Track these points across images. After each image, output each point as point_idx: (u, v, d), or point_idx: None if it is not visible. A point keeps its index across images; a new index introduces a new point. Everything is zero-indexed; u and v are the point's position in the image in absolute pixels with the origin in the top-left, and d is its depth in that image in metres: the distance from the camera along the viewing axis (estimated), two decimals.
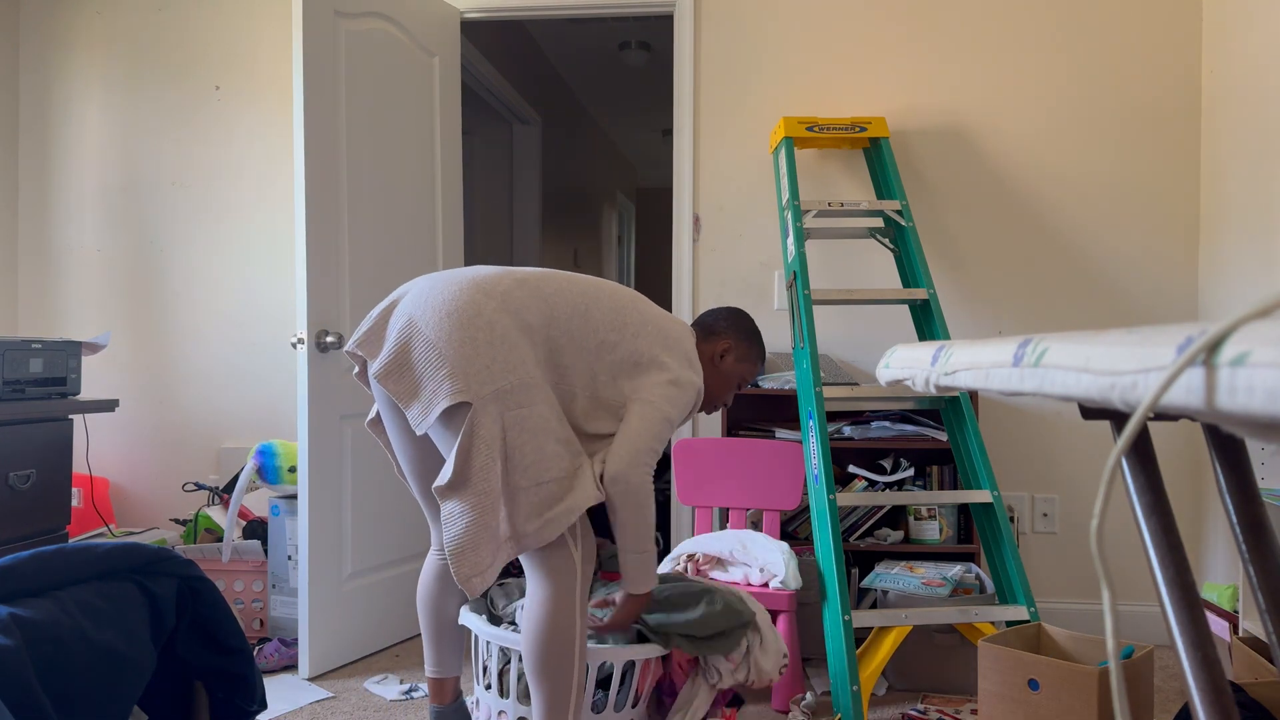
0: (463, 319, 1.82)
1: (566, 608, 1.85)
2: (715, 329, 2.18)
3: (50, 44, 3.55)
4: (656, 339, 1.98)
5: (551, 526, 1.81)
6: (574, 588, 1.85)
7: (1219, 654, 0.84)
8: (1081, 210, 3.20)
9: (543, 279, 1.97)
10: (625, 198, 8.76)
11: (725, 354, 2.17)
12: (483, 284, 1.89)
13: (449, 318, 1.82)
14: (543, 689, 1.86)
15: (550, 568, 1.85)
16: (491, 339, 1.82)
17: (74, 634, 1.27)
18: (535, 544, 1.81)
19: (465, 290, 1.87)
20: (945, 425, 2.80)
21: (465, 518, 1.76)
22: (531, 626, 1.86)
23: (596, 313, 1.95)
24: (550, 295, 1.93)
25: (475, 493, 1.76)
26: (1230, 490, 1.01)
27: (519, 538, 1.81)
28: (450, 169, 3.33)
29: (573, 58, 5.84)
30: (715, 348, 2.17)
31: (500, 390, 1.79)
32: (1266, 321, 0.59)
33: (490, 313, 1.84)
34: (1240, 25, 2.92)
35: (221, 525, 3.14)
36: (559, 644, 1.84)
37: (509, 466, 1.79)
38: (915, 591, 2.59)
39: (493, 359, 1.80)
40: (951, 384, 1.06)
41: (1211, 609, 2.67)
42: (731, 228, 3.32)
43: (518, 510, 1.80)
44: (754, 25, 3.32)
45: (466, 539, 1.75)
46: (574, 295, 1.95)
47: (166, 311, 3.51)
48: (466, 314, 1.83)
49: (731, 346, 2.17)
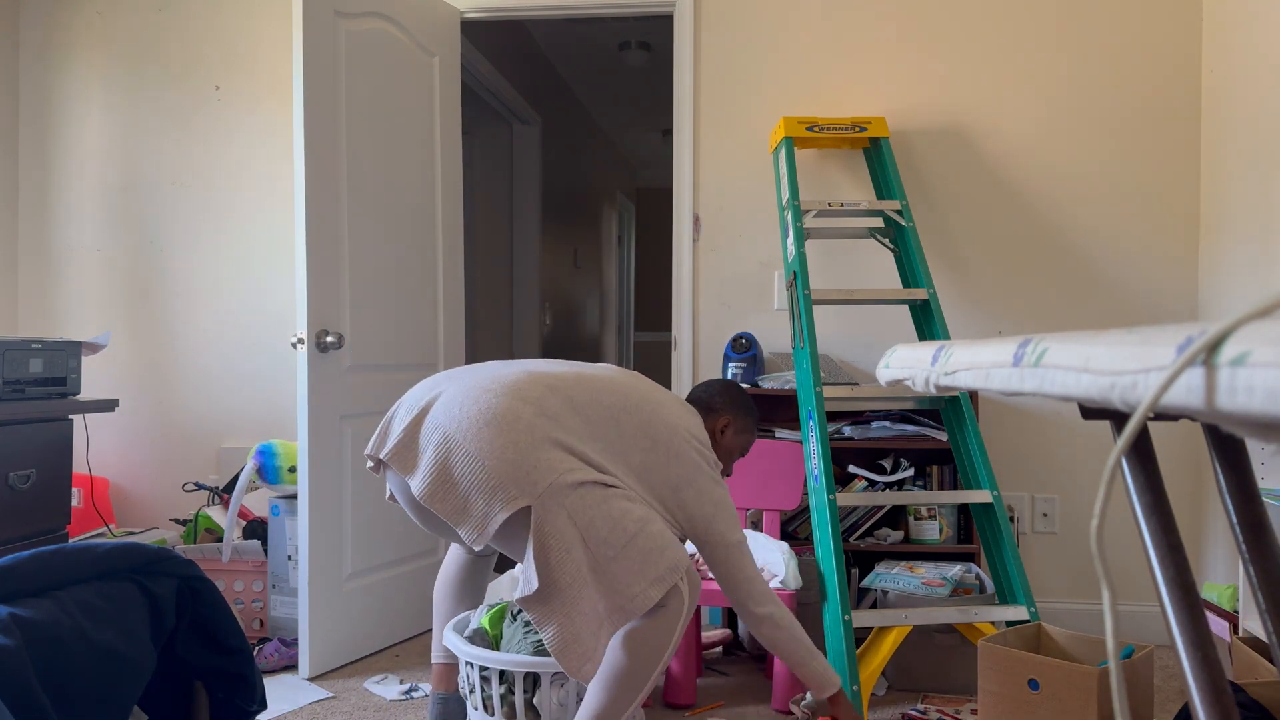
0: (503, 426, 1.79)
1: (666, 633, 1.81)
2: (713, 406, 2.23)
3: (50, 44, 3.55)
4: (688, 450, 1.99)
5: (658, 587, 1.79)
6: (680, 618, 1.83)
7: (1219, 654, 0.84)
8: (1081, 210, 3.20)
9: (572, 385, 1.94)
10: (625, 198, 8.76)
11: (725, 429, 2.22)
12: (517, 390, 1.87)
13: (488, 426, 1.79)
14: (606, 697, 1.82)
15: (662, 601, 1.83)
16: (533, 441, 1.79)
17: (74, 634, 1.27)
18: (643, 608, 1.78)
19: (500, 397, 1.84)
20: (945, 425, 2.80)
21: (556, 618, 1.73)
22: (628, 641, 1.82)
23: (628, 423, 1.95)
24: (583, 406, 1.91)
25: (563, 593, 1.73)
26: (1230, 490, 1.01)
27: (624, 607, 1.78)
28: (450, 169, 3.33)
29: (573, 58, 5.84)
30: (716, 424, 2.22)
31: (554, 485, 1.77)
32: (1266, 321, 0.59)
33: (529, 418, 1.82)
34: (1240, 25, 2.92)
35: (221, 525, 3.14)
36: (642, 663, 1.81)
37: (590, 549, 1.77)
38: (915, 591, 2.59)
39: (538, 460, 1.78)
40: (951, 384, 1.06)
41: (1211, 609, 2.67)
42: (731, 228, 3.32)
43: (616, 580, 1.77)
44: (754, 25, 3.32)
45: (567, 635, 1.72)
46: (605, 404, 1.94)
47: (166, 311, 3.51)
48: (506, 420, 1.80)
49: (730, 422, 2.22)
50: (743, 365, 3.09)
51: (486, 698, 2.08)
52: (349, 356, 2.87)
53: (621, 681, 1.82)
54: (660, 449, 1.96)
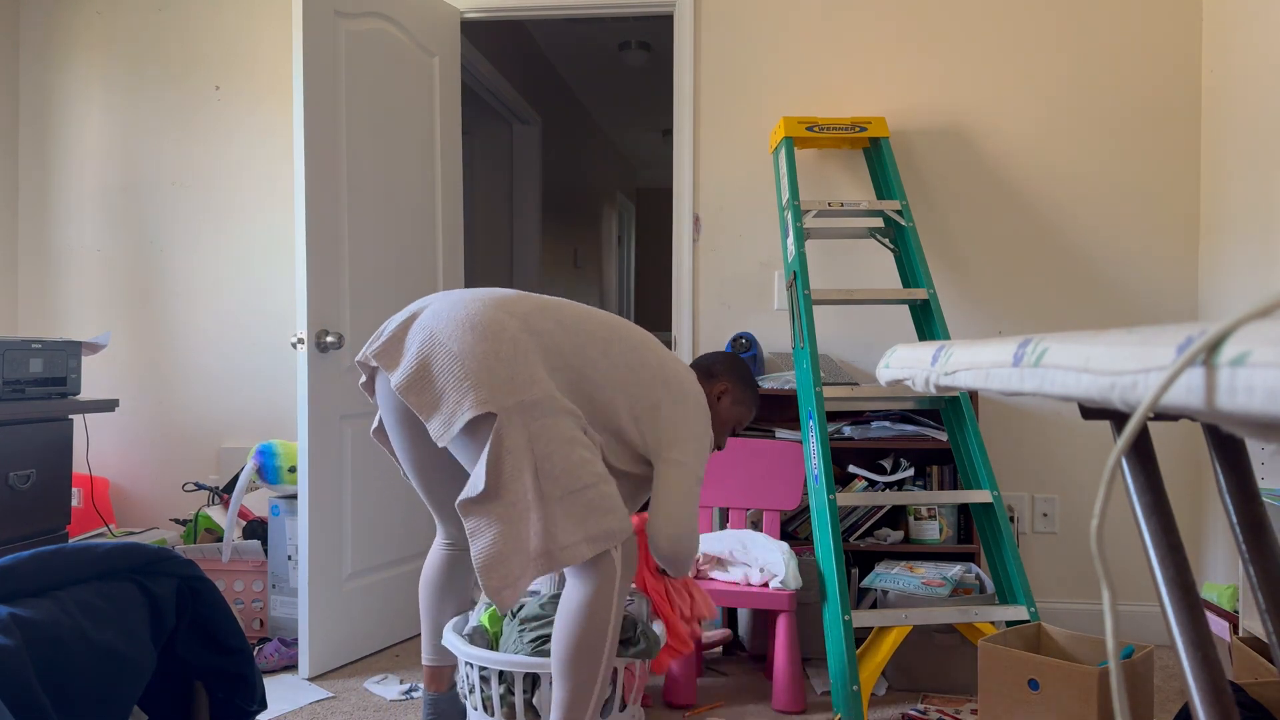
0: (487, 333, 1.82)
1: (603, 607, 1.82)
2: (714, 372, 2.21)
3: (50, 44, 3.55)
4: (675, 387, 1.98)
5: (591, 546, 1.79)
6: (613, 590, 1.83)
7: (1219, 654, 0.84)
8: (1081, 210, 3.20)
9: (561, 307, 1.96)
10: (625, 198, 8.76)
11: (723, 396, 2.20)
12: (505, 303, 1.89)
13: (472, 330, 1.82)
14: (566, 685, 1.84)
15: (592, 567, 1.83)
16: (515, 354, 1.81)
17: (74, 634, 1.27)
18: (570, 561, 1.78)
19: (488, 307, 1.87)
20: (945, 425, 2.80)
21: (494, 529, 1.74)
22: (564, 622, 1.84)
23: (617, 350, 1.94)
24: (570, 325, 1.92)
25: (505, 504, 1.74)
26: (1230, 490, 1.01)
27: (552, 553, 1.78)
28: (450, 169, 3.33)
29: (573, 58, 5.84)
30: (714, 390, 2.20)
31: (524, 402, 1.78)
32: (1266, 321, 0.59)
33: (514, 330, 1.84)
34: (1240, 25, 2.92)
35: (221, 525, 3.14)
36: (590, 642, 1.82)
37: (539, 476, 1.78)
38: (915, 591, 2.59)
39: (515, 372, 1.79)
40: (951, 384, 1.06)
41: (1211, 609, 2.67)
42: (731, 228, 3.32)
43: (554, 522, 1.78)
44: (754, 25, 3.32)
45: (496, 551, 1.73)
46: (594, 328, 1.95)
47: (166, 311, 3.51)
48: (491, 329, 1.82)
49: (729, 389, 2.20)
50: None
51: (486, 698, 2.08)
52: (349, 356, 2.87)
53: (574, 664, 1.83)
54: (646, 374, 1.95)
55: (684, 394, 1.98)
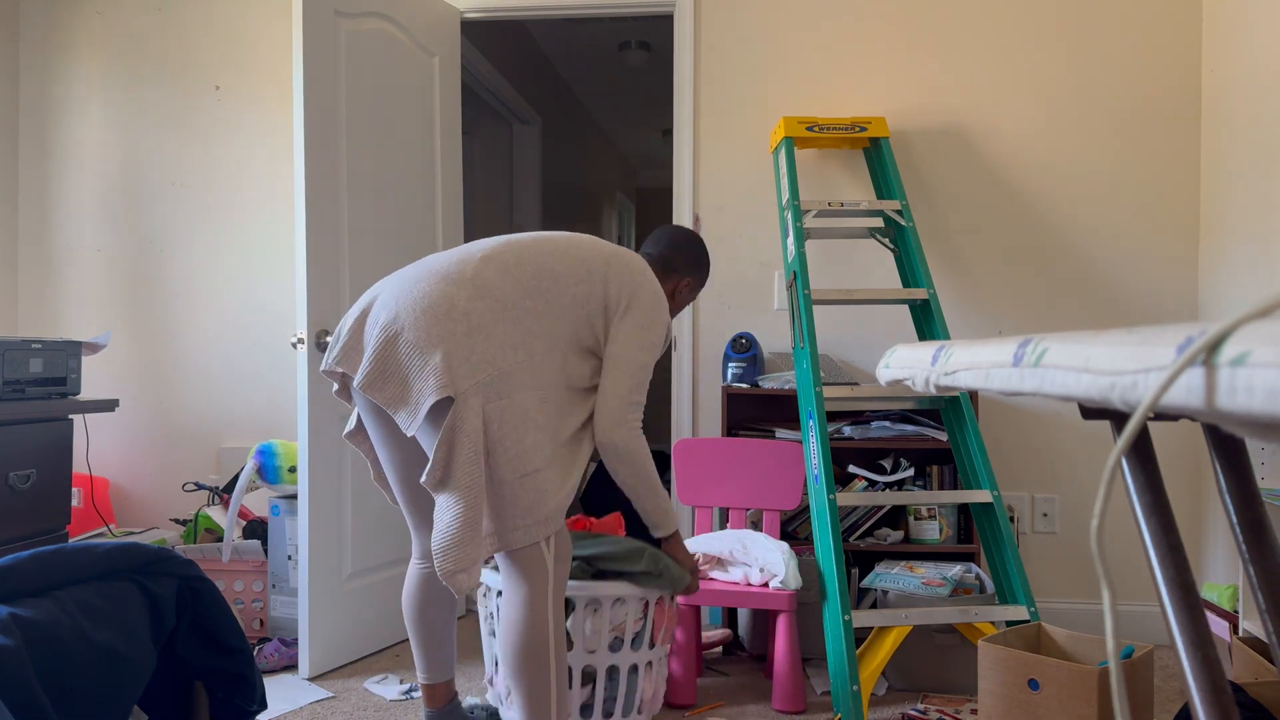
0: (438, 314, 1.83)
1: (539, 607, 1.84)
2: (674, 265, 2.22)
3: (50, 44, 3.55)
4: (624, 279, 1.99)
5: (538, 529, 1.81)
6: (546, 588, 1.85)
7: (1219, 654, 0.84)
8: (1081, 210, 3.20)
9: (504, 249, 1.96)
10: (625, 198, 8.75)
11: (682, 289, 2.23)
12: (449, 275, 1.89)
13: (424, 314, 1.83)
14: (521, 690, 1.86)
15: (522, 568, 1.84)
16: (469, 329, 1.82)
17: (74, 634, 1.27)
18: (519, 542, 1.81)
19: (435, 285, 1.87)
20: (945, 425, 2.80)
21: (450, 512, 1.76)
22: (506, 627, 1.86)
23: (562, 269, 1.95)
24: (514, 266, 1.93)
25: (460, 487, 1.76)
26: (1230, 490, 1.01)
27: (502, 534, 1.81)
28: (450, 169, 3.33)
29: (573, 58, 5.84)
30: (673, 284, 2.22)
31: (480, 383, 1.79)
32: (1266, 321, 0.59)
33: (464, 303, 1.85)
34: (1240, 24, 2.92)
35: (221, 525, 3.14)
36: (533, 644, 1.84)
37: (493, 461, 1.80)
38: (915, 591, 2.59)
39: (471, 350, 1.81)
40: (951, 384, 1.06)
41: (1211, 609, 2.67)
42: (731, 228, 3.32)
43: (504, 506, 1.81)
44: (754, 25, 3.32)
45: (453, 534, 1.75)
46: (537, 258, 1.95)
47: (166, 311, 3.51)
48: (442, 308, 1.83)
49: (690, 283, 2.24)
50: (743, 365, 3.09)
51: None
52: None
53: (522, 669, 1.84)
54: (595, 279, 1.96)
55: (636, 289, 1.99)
